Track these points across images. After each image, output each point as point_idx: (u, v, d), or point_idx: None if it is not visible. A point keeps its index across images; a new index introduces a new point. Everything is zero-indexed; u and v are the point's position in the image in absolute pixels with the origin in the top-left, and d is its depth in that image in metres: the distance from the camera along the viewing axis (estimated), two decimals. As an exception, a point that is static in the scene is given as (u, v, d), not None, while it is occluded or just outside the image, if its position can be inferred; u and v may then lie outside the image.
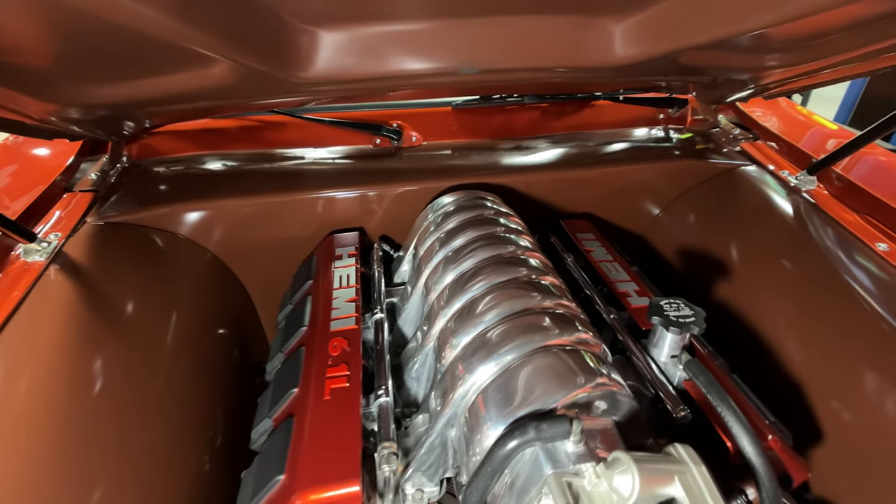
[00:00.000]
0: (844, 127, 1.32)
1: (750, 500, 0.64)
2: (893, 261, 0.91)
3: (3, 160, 1.10)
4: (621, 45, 0.83)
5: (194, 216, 1.06)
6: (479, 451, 0.56)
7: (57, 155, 1.12)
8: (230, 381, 0.99)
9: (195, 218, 1.06)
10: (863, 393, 0.81)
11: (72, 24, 0.53)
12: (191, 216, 1.06)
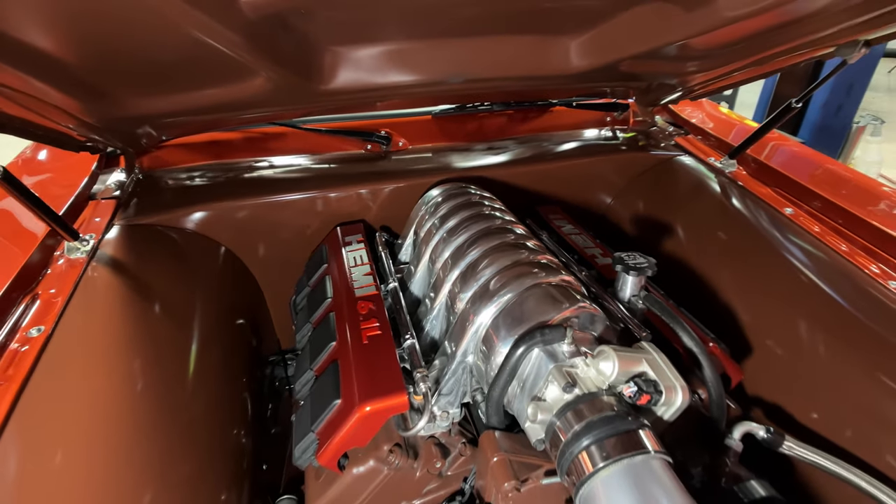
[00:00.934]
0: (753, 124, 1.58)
1: (702, 398, 0.83)
2: (797, 221, 1.14)
3: (32, 172, 1.19)
4: (576, 57, 1.04)
5: (209, 215, 1.18)
6: (495, 365, 0.72)
7: (71, 168, 1.22)
8: (251, 367, 1.11)
9: (210, 217, 1.18)
10: (779, 321, 1.02)
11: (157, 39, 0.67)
12: (206, 216, 1.18)
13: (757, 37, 0.97)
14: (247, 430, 0.98)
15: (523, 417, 0.68)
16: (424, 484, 0.77)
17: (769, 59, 1.07)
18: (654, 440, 0.58)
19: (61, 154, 1.22)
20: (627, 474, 0.54)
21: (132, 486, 0.68)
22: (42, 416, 0.69)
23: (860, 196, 1.16)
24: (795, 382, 0.95)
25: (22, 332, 0.79)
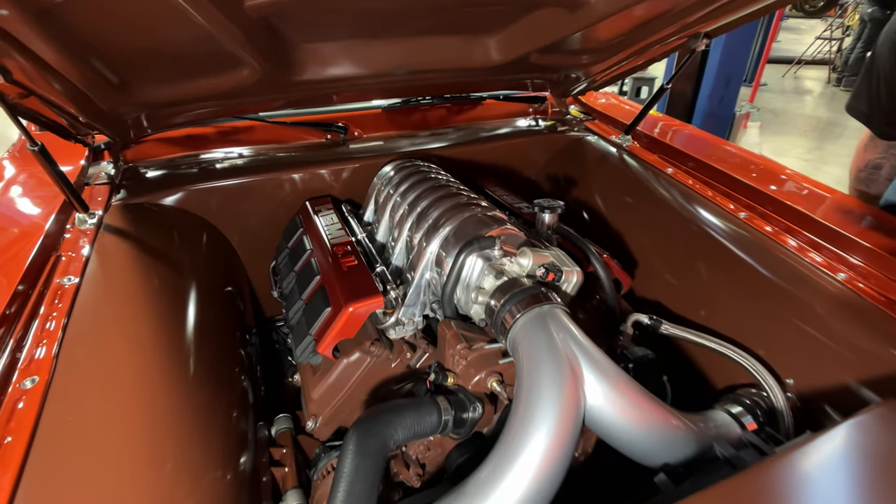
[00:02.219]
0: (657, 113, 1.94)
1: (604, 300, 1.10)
2: (675, 177, 1.46)
3: (28, 164, 1.33)
4: (495, 52, 1.32)
5: (192, 196, 1.36)
6: (446, 272, 0.96)
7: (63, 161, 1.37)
8: (241, 324, 1.29)
9: (193, 197, 1.36)
10: (662, 250, 1.33)
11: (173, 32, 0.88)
12: (190, 196, 1.36)
13: (628, 33, 1.29)
14: (243, 370, 1.16)
15: (469, 306, 0.93)
16: (398, 373, 1.00)
17: (642, 51, 1.40)
18: (555, 298, 0.84)
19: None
20: (536, 319, 0.80)
21: (166, 407, 0.80)
22: (85, 350, 0.85)
23: (723, 157, 1.50)
24: (670, 288, 1.26)
25: (55, 282, 0.96)
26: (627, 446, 0.76)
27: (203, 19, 0.82)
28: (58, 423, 0.71)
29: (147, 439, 0.75)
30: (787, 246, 1.16)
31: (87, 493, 0.65)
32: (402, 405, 0.80)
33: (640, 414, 0.76)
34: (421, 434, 0.80)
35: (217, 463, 0.80)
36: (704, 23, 1.24)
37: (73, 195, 1.07)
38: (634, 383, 0.77)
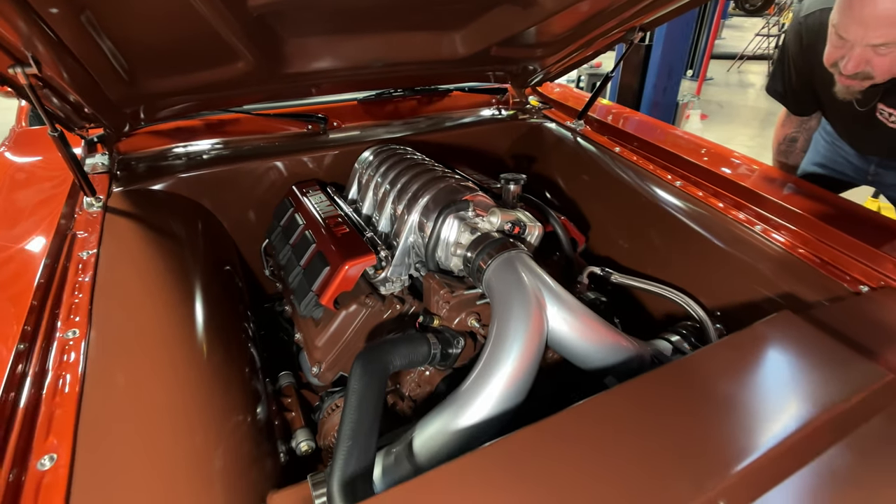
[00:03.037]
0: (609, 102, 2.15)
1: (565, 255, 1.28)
2: (622, 154, 1.66)
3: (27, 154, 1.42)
4: (460, 45, 1.48)
5: (186, 182, 1.47)
6: (427, 233, 1.12)
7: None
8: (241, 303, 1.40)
9: (187, 183, 1.47)
10: (613, 216, 1.53)
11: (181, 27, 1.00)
12: (184, 182, 1.47)
13: (575, 28, 1.48)
14: (248, 336, 1.27)
15: (449, 259, 1.09)
16: (389, 322, 1.15)
17: (589, 44, 1.60)
18: (521, 246, 1.01)
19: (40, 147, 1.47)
20: (506, 261, 0.97)
21: (193, 363, 0.92)
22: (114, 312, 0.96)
23: (662, 137, 1.71)
24: (619, 247, 1.46)
25: (75, 255, 1.06)
26: (582, 360, 0.93)
27: (211, 16, 0.96)
28: (101, 372, 0.83)
29: (182, 389, 0.87)
30: (715, 207, 1.37)
31: (139, 434, 0.76)
32: (399, 338, 0.95)
33: (592, 333, 0.94)
34: (414, 362, 0.95)
35: (238, 410, 0.93)
36: (639, 17, 1.44)
37: (85, 181, 1.17)
38: (587, 310, 0.95)
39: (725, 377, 0.80)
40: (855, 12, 1.13)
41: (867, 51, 1.16)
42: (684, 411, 0.73)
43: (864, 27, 1.13)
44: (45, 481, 0.65)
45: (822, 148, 1.87)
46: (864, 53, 1.17)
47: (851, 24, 1.15)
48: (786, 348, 0.87)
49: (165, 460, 0.74)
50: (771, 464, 0.66)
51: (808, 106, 1.68)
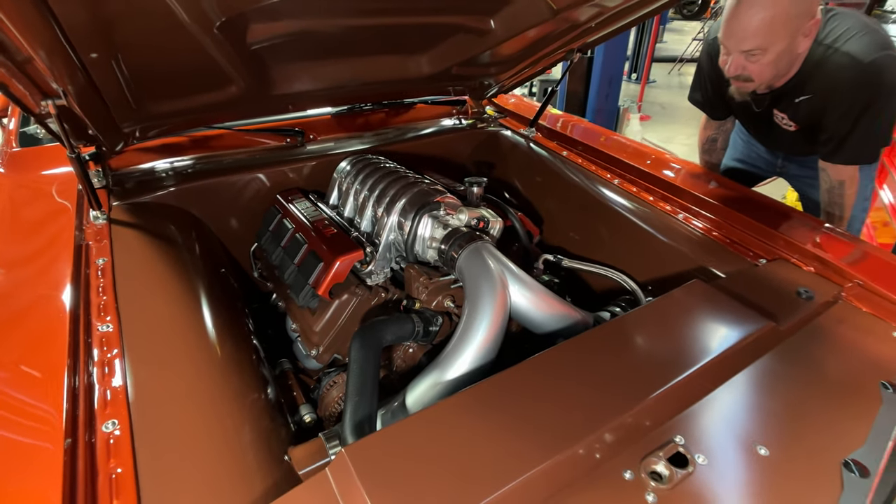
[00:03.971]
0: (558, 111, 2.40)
1: (523, 246, 1.50)
2: (569, 157, 1.90)
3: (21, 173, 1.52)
4: (424, 66, 1.68)
5: (177, 195, 1.60)
6: (406, 231, 1.31)
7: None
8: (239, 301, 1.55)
9: (179, 195, 1.61)
10: (561, 209, 1.76)
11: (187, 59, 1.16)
12: (175, 195, 1.60)
13: (523, 51, 1.71)
14: (249, 330, 1.41)
15: (426, 252, 1.29)
16: (376, 308, 1.33)
17: (535, 63, 1.83)
18: (485, 238, 1.22)
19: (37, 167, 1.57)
20: (475, 250, 1.17)
21: (212, 351, 1.06)
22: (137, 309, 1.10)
23: (603, 142, 1.96)
24: (569, 237, 1.70)
25: (93, 262, 1.20)
26: (538, 327, 1.15)
27: (216, 53, 1.12)
28: (138, 358, 0.97)
29: (207, 372, 1.02)
30: (646, 200, 1.62)
31: (180, 406, 0.91)
32: (388, 318, 1.14)
33: (545, 306, 1.15)
34: (402, 338, 1.15)
35: (253, 389, 1.08)
36: (576, 41, 1.68)
37: (94, 196, 1.31)
38: (542, 287, 1.17)
39: (647, 332, 1.03)
40: (729, 26, 1.42)
41: (741, 56, 1.45)
42: (615, 356, 0.95)
43: (736, 38, 1.42)
44: (111, 440, 0.81)
45: (739, 146, 2.17)
46: (738, 59, 1.46)
47: (727, 35, 1.44)
48: (694, 308, 1.11)
49: (206, 429, 0.90)
50: (681, 390, 0.90)
51: (722, 111, 1.97)
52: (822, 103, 1.56)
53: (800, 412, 0.93)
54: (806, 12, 1.38)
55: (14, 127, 1.67)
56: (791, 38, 1.41)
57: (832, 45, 1.48)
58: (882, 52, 1.45)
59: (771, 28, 1.37)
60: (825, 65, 1.49)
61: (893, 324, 1.17)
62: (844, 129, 1.56)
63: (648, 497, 0.76)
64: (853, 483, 0.83)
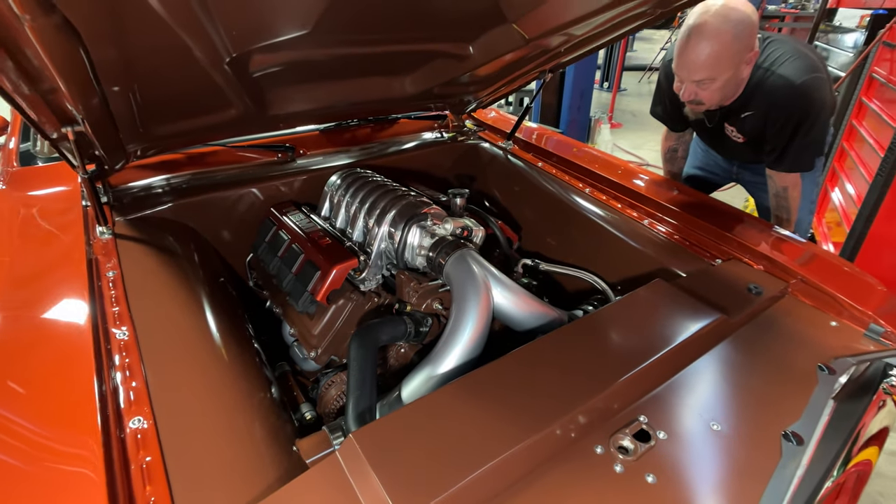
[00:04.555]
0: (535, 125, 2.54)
1: (503, 253, 1.63)
2: (544, 168, 2.04)
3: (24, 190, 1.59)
4: (408, 86, 1.80)
5: (176, 210, 1.68)
6: (396, 240, 1.42)
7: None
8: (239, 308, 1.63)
9: (177, 210, 1.69)
10: (537, 216, 1.90)
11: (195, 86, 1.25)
12: (174, 210, 1.68)
13: (499, 72, 1.84)
14: (250, 335, 1.50)
15: (415, 259, 1.40)
16: (370, 312, 1.44)
17: (511, 82, 1.97)
18: (469, 245, 1.34)
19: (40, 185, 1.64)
20: (460, 257, 1.29)
21: (220, 353, 1.16)
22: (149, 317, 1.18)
23: (575, 154, 2.11)
24: (546, 242, 1.83)
25: (104, 274, 1.28)
26: (518, 325, 1.27)
27: (221, 80, 1.22)
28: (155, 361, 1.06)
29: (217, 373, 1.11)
30: (615, 207, 1.77)
31: (199, 404, 0.99)
32: (383, 320, 1.25)
33: (525, 306, 1.28)
34: (396, 337, 1.26)
35: (259, 388, 1.17)
36: (548, 63, 1.83)
37: (101, 212, 1.38)
38: (522, 289, 1.29)
39: (615, 326, 1.16)
40: (681, 59, 1.59)
41: (692, 85, 1.62)
42: (587, 348, 1.08)
43: (687, 69, 1.59)
44: (139, 435, 0.90)
45: (699, 155, 2.35)
46: (691, 87, 1.63)
47: (679, 67, 1.61)
48: (656, 304, 1.24)
49: (222, 424, 0.99)
50: (645, 376, 1.03)
51: (681, 125, 2.14)
52: (763, 119, 1.74)
53: (748, 392, 1.08)
54: (746, 46, 1.56)
55: (14, 146, 1.73)
56: (735, 68, 1.59)
57: (770, 69, 1.66)
58: (811, 75, 1.64)
59: (717, 61, 1.55)
60: (764, 85, 1.67)
61: (832, 315, 1.32)
62: (783, 142, 1.75)
63: (616, 467, 0.89)
64: (790, 450, 0.98)
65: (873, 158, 2.86)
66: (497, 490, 0.83)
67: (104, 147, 1.35)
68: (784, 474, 0.93)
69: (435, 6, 1.26)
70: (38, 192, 1.60)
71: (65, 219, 1.44)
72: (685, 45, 1.58)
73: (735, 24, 1.51)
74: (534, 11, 1.34)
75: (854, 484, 1.28)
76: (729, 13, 1.51)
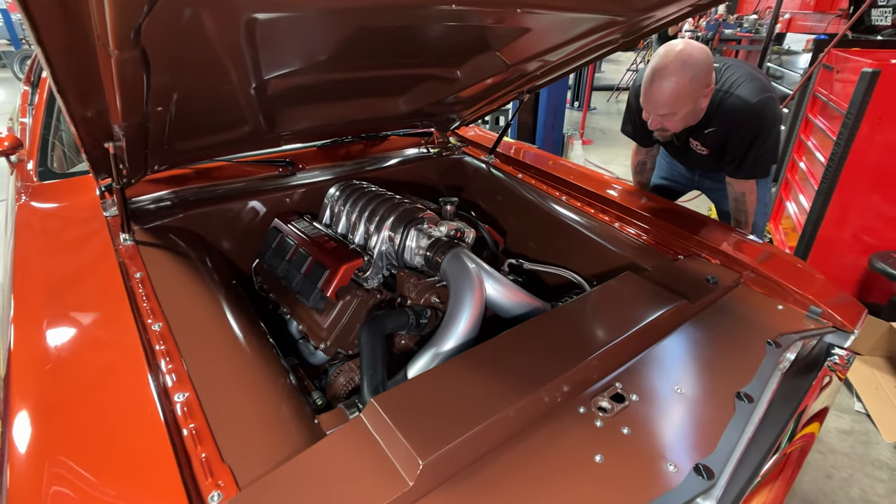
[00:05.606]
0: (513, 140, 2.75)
1: (490, 252, 1.80)
2: (525, 180, 2.24)
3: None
4: (401, 105, 1.98)
5: (189, 219, 1.81)
6: (396, 243, 1.58)
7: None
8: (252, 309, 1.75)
9: (189, 220, 1.81)
10: (526, 224, 2.08)
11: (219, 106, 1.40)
12: (187, 219, 1.81)
13: (481, 93, 2.04)
14: (263, 331, 1.62)
15: (413, 259, 1.56)
16: (372, 307, 1.58)
17: (491, 102, 2.17)
18: (461, 244, 1.50)
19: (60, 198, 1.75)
20: (455, 255, 1.46)
21: (243, 346, 1.30)
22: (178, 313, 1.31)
23: (552, 166, 2.31)
24: (528, 245, 2.01)
25: (132, 276, 1.40)
26: (507, 313, 1.44)
27: (242, 100, 1.38)
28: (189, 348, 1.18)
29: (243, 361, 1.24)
30: (588, 212, 1.96)
31: (233, 382, 1.12)
32: (388, 311, 1.41)
33: (512, 296, 1.45)
34: (399, 326, 1.41)
35: (280, 374, 1.30)
36: (526, 85, 2.03)
37: (127, 221, 1.51)
38: (509, 282, 1.46)
39: (591, 311, 1.33)
40: (646, 95, 1.82)
41: (657, 118, 1.84)
42: (568, 329, 1.25)
43: (652, 105, 1.81)
44: (185, 408, 1.02)
45: (664, 166, 2.58)
46: (657, 119, 1.85)
47: (645, 102, 1.84)
48: (626, 292, 1.42)
49: (253, 400, 1.12)
50: (618, 351, 1.20)
51: (649, 141, 2.37)
52: (725, 134, 1.97)
53: (706, 363, 1.26)
54: (702, 84, 1.79)
55: (33, 166, 1.85)
56: (694, 103, 1.82)
57: (728, 91, 1.90)
58: (764, 95, 1.88)
59: (677, 99, 1.78)
60: (724, 105, 1.91)
61: (778, 300, 1.53)
62: (741, 153, 1.98)
63: (597, 423, 1.06)
64: (742, 408, 1.16)
65: (820, 169, 3.16)
66: (498, 440, 0.99)
67: (131, 162, 1.48)
68: (737, 425, 1.11)
69: (432, 39, 1.44)
70: (61, 204, 1.71)
71: (90, 227, 1.56)
72: (650, 84, 1.80)
73: (692, 68, 1.74)
74: (515, 41, 1.54)
75: (798, 455, 1.45)
76: (686, 59, 1.74)
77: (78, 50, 0.83)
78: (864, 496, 2.11)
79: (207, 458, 0.92)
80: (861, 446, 2.34)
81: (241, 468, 0.91)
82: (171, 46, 0.96)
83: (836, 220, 2.88)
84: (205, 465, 0.90)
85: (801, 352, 1.36)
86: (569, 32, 1.50)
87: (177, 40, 0.96)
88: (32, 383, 1.01)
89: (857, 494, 2.11)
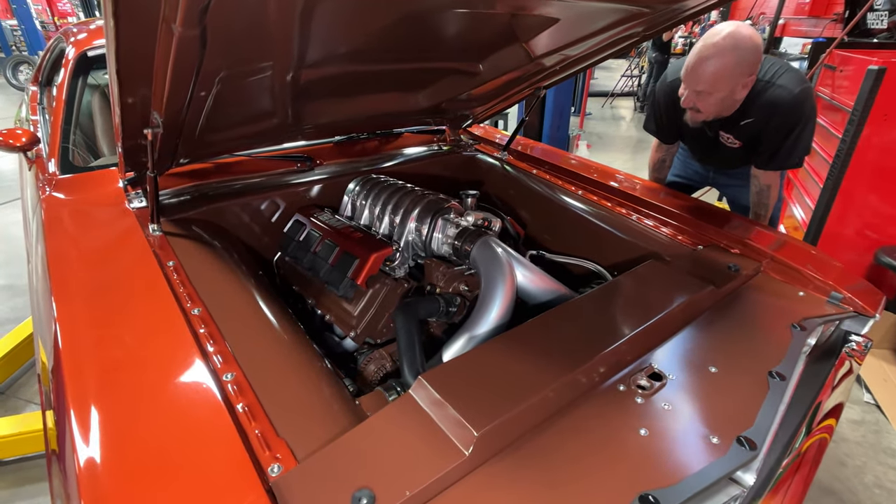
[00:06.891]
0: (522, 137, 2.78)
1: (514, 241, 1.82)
2: (540, 175, 2.27)
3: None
4: (420, 100, 2.01)
5: (211, 212, 1.81)
6: (424, 232, 1.60)
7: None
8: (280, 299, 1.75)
9: (212, 213, 1.82)
10: (542, 217, 2.11)
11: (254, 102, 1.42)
12: (209, 212, 1.81)
13: (497, 89, 2.07)
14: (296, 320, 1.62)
15: (441, 248, 1.58)
16: (400, 296, 1.60)
17: (506, 99, 2.20)
18: (489, 232, 1.53)
19: (84, 191, 1.76)
20: (484, 243, 1.48)
21: (278, 331, 1.33)
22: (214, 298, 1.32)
23: (566, 161, 2.35)
24: (546, 238, 2.04)
25: (165, 264, 1.40)
26: (536, 299, 1.46)
27: (278, 89, 1.40)
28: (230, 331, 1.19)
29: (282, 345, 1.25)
30: (605, 206, 1.99)
31: (275, 363, 1.13)
32: (420, 298, 1.42)
33: (541, 283, 1.47)
34: (431, 313, 1.42)
35: (317, 358, 1.31)
36: (542, 81, 2.07)
37: (157, 212, 1.52)
38: (538, 269, 1.48)
39: (621, 295, 1.36)
40: (689, 70, 1.84)
41: (693, 93, 1.86)
42: (601, 312, 1.27)
43: (691, 79, 1.84)
44: (235, 386, 1.03)
45: (677, 164, 2.62)
46: (691, 95, 1.88)
47: (686, 75, 1.86)
48: (653, 278, 1.45)
49: (298, 378, 1.13)
50: (653, 332, 1.22)
51: (673, 137, 2.40)
52: (762, 124, 1.99)
53: (736, 345, 1.28)
54: (745, 72, 1.81)
55: (56, 160, 1.85)
56: (731, 89, 1.84)
57: (770, 81, 1.93)
58: (804, 85, 1.92)
59: (717, 79, 1.80)
60: (765, 95, 1.93)
61: (798, 287, 1.56)
62: (777, 144, 2.00)
63: (637, 399, 1.08)
64: (776, 385, 1.18)
65: (823, 166, 3.22)
66: (545, 416, 1.01)
67: (161, 154, 1.49)
68: (773, 401, 1.13)
69: (465, 28, 1.47)
70: (86, 196, 1.72)
71: (119, 218, 1.56)
72: (695, 57, 1.82)
73: (740, 52, 1.76)
74: (542, 33, 1.57)
75: (815, 453, 1.46)
76: (739, 42, 1.75)
77: (141, 30, 0.84)
78: (878, 482, 2.14)
79: (262, 433, 0.93)
80: (872, 435, 2.37)
81: (296, 442, 0.92)
82: (230, 26, 0.98)
83: (841, 215, 2.93)
84: (261, 439, 0.91)
85: (819, 339, 1.39)
86: (595, 24, 1.54)
87: (236, 19, 0.98)
88: (90, 374, 1.02)
89: (871, 481, 2.15)
